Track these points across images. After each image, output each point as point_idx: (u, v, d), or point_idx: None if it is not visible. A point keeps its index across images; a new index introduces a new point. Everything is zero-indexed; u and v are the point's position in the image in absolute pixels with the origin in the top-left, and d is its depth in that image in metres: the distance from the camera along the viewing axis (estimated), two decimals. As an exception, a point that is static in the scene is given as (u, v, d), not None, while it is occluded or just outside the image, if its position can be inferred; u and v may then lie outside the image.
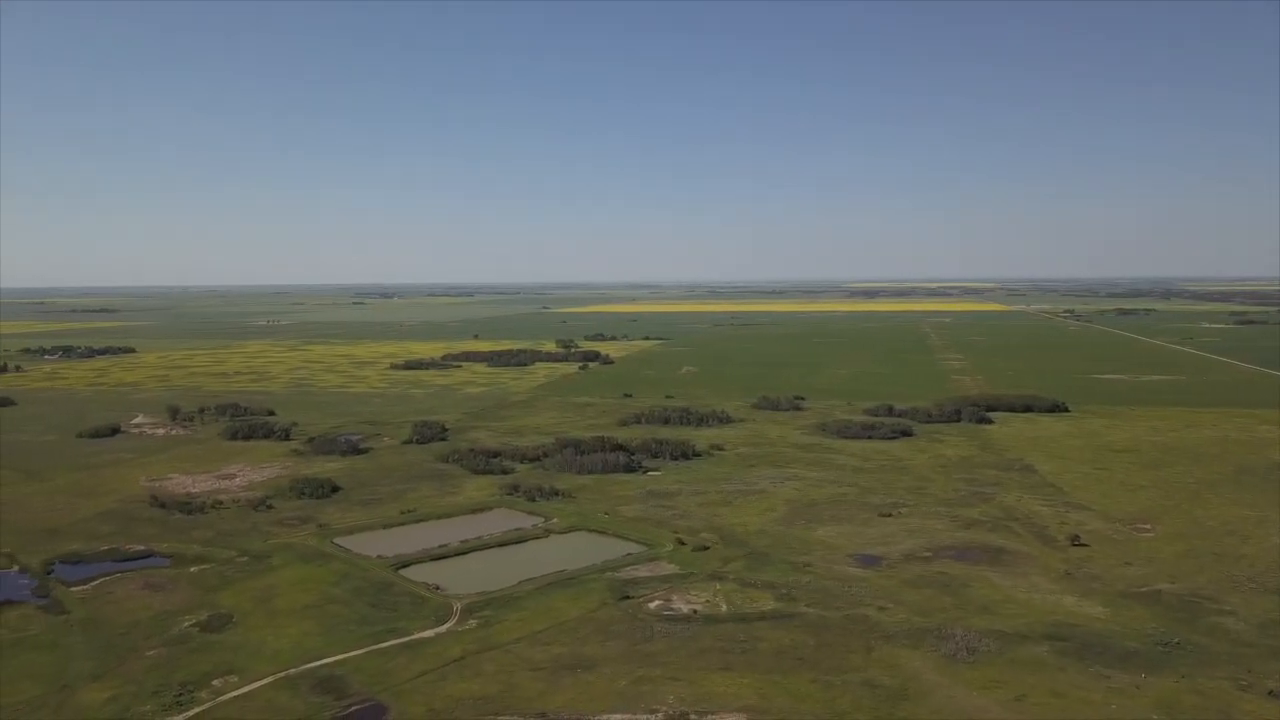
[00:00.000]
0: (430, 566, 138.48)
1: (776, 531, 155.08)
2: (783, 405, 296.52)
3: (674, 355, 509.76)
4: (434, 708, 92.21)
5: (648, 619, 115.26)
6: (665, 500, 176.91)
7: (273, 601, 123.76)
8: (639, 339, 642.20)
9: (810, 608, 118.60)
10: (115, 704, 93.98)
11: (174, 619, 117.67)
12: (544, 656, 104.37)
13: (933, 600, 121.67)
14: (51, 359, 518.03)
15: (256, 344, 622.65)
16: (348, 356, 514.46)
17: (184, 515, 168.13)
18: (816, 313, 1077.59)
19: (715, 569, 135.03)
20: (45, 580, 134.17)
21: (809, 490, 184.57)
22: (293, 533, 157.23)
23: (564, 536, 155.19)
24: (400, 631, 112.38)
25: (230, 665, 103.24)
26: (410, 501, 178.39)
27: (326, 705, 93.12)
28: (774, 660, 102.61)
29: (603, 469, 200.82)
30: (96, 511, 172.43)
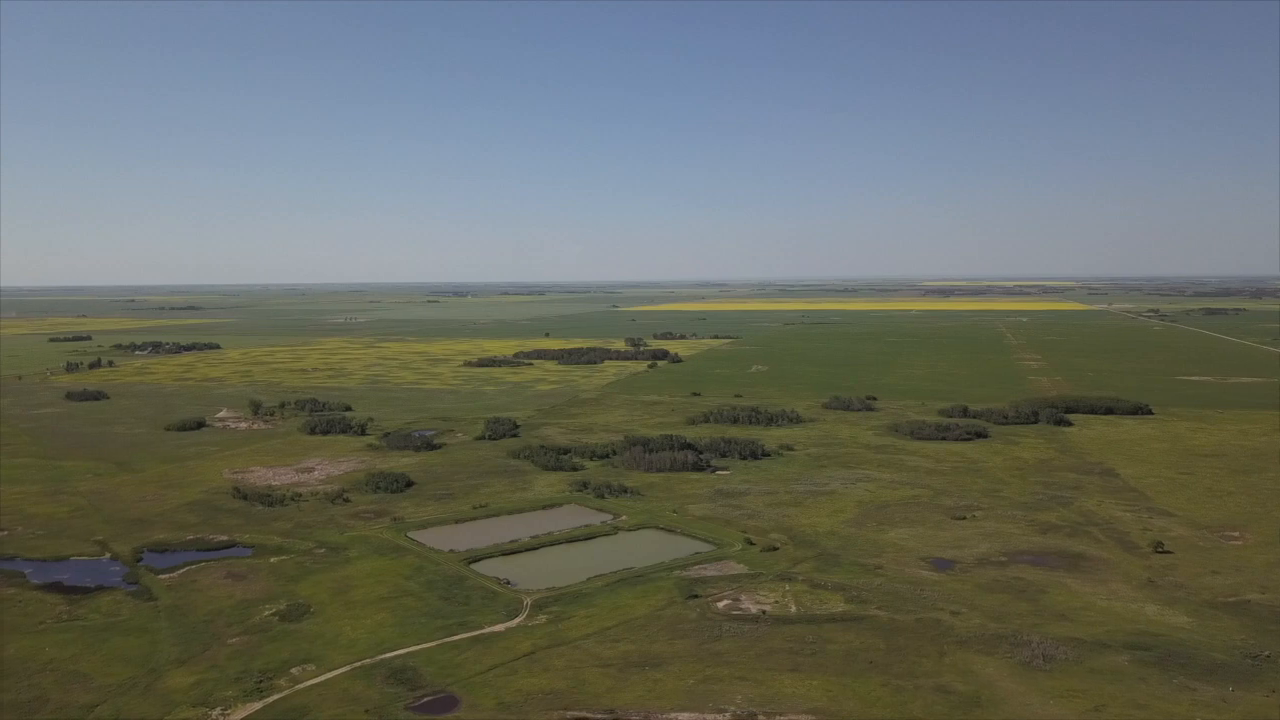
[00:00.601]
0: (501, 561, 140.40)
1: (847, 533, 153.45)
2: (854, 405, 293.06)
3: (743, 354, 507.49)
4: (504, 701, 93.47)
5: (716, 618, 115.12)
6: (734, 500, 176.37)
7: (349, 593, 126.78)
8: (708, 337, 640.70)
9: (881, 610, 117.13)
10: (199, 689, 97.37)
11: (255, 608, 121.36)
12: (612, 653, 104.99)
13: (1008, 606, 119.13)
14: (141, 354, 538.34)
15: (334, 341, 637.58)
16: (422, 354, 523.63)
17: (265, 507, 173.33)
18: (890, 311, 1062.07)
19: (784, 569, 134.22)
20: (135, 568, 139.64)
21: (880, 491, 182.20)
22: (368, 526, 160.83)
23: (632, 534, 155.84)
24: (471, 625, 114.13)
25: (308, 654, 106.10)
26: (482, 496, 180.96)
27: (400, 696, 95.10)
28: (843, 663, 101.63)
29: (671, 467, 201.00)
30: (183, 502, 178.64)
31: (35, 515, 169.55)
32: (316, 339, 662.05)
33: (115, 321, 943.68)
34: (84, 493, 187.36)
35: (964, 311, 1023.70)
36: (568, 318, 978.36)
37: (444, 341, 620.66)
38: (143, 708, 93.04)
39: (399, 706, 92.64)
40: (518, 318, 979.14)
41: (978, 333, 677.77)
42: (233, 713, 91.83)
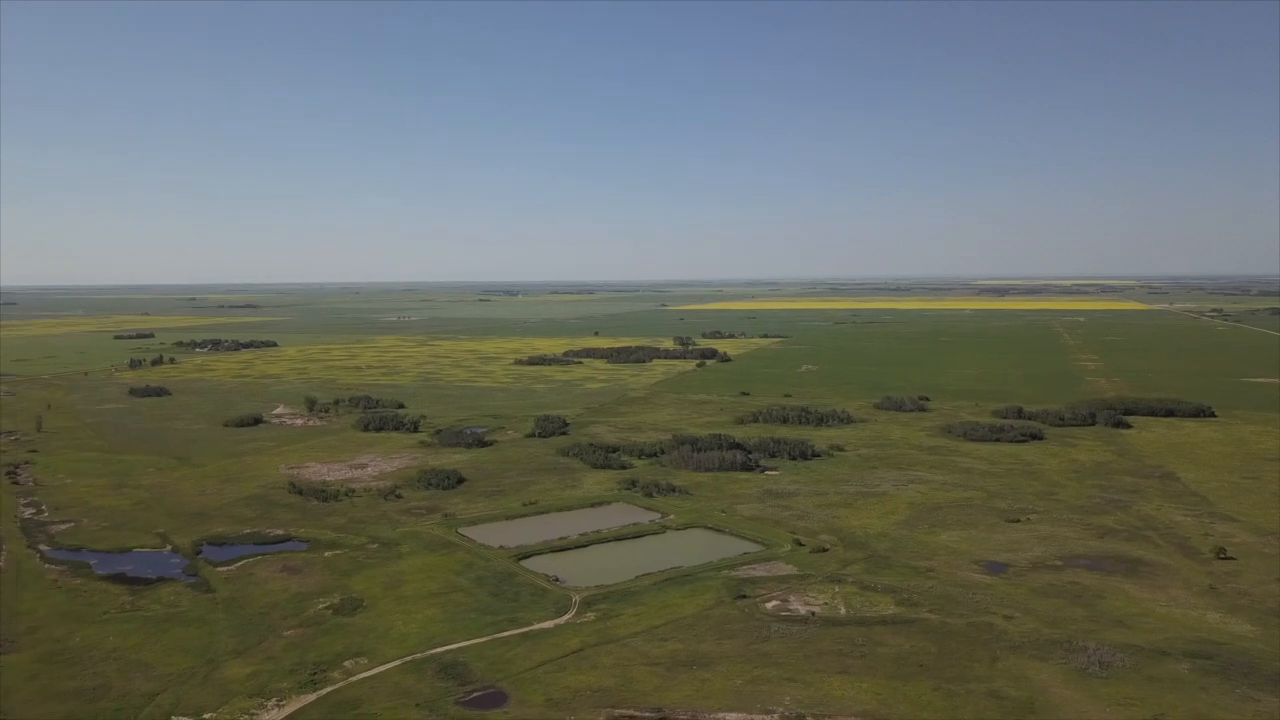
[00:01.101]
0: (550, 558, 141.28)
1: (898, 535, 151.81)
2: (906, 406, 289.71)
3: (793, 353, 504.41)
4: (552, 697, 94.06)
5: (764, 619, 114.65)
6: (783, 500, 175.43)
7: (401, 588, 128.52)
8: (757, 336, 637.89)
9: (932, 613, 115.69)
10: (255, 679, 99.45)
11: (309, 601, 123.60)
12: (660, 652, 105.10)
13: (1063, 611, 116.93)
14: (201, 352, 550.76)
15: (387, 339, 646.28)
16: (474, 352, 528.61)
17: (319, 502, 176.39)
18: (942, 311, 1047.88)
19: (834, 571, 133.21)
20: (194, 560, 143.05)
21: (933, 493, 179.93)
22: (420, 521, 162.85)
23: (681, 533, 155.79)
24: (521, 621, 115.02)
25: (360, 648, 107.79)
26: (532, 494, 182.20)
27: (450, 690, 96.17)
28: (894, 666, 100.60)
29: (720, 467, 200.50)
30: (240, 496, 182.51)
31: (100, 508, 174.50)
32: (370, 337, 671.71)
33: (176, 319, 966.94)
34: (146, 486, 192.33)
35: (1019, 311, 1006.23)
36: (616, 316, 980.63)
37: (495, 340, 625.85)
38: (201, 697, 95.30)
39: (449, 701, 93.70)
40: (567, 316, 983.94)
41: (1033, 333, 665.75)
42: (288, 704, 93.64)
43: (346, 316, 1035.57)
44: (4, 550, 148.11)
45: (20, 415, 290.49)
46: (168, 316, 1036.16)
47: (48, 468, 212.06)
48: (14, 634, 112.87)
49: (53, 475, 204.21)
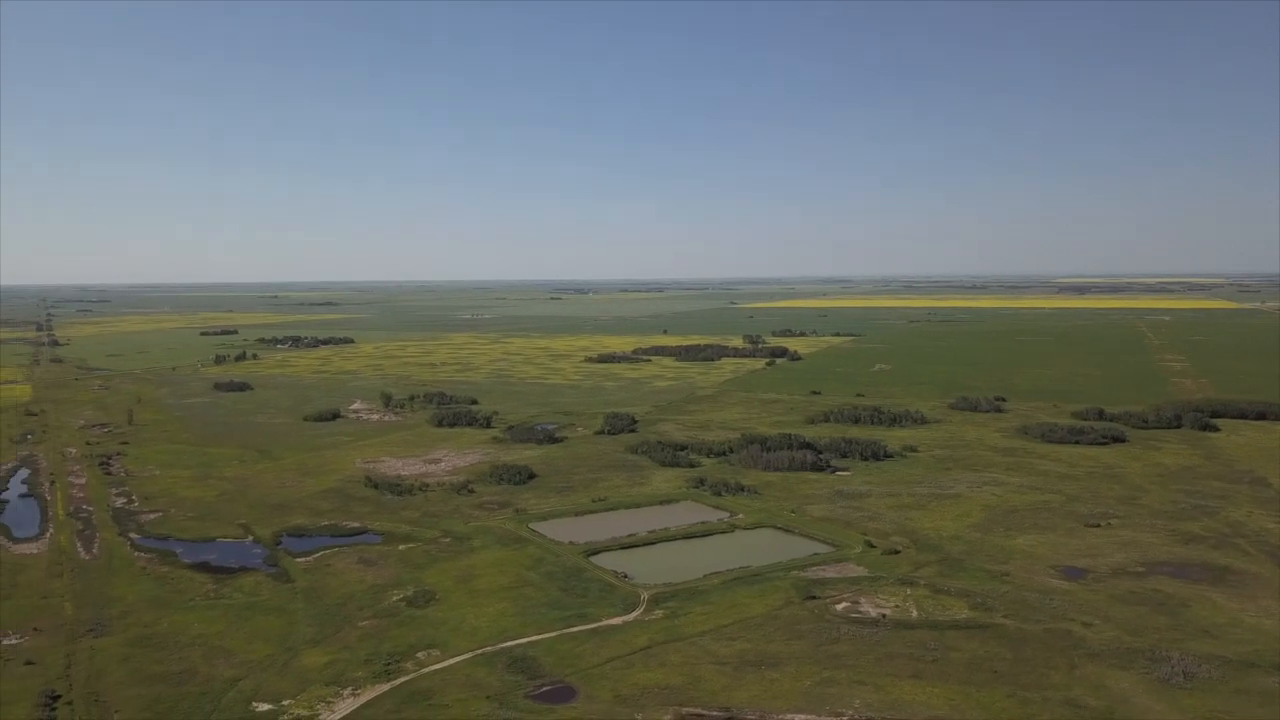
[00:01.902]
0: (619, 555, 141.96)
1: (973, 538, 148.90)
2: (982, 406, 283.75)
3: (865, 352, 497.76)
4: (620, 694, 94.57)
5: (834, 620, 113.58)
6: (854, 501, 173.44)
7: (472, 581, 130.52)
8: (829, 335, 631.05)
9: (1008, 619, 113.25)
10: (332, 668, 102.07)
11: (384, 593, 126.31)
12: (729, 651, 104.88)
13: (1145, 619, 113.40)
14: (282, 348, 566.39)
15: (461, 336, 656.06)
16: (545, 349, 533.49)
17: (394, 496, 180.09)
18: (1020, 309, 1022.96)
19: (906, 573, 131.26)
20: (274, 551, 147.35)
21: (1009, 496, 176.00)
22: (492, 516, 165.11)
23: (749, 532, 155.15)
24: (590, 617, 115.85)
25: (433, 640, 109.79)
26: (601, 490, 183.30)
27: (520, 684, 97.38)
28: (967, 671, 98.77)
29: (789, 466, 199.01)
30: (319, 489, 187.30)
31: (187, 499, 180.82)
32: (445, 334, 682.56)
33: (259, 317, 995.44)
34: (229, 478, 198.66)
35: (1101, 310, 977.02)
36: (685, 314, 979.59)
37: (565, 337, 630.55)
38: (280, 684, 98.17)
39: (519, 695, 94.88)
40: (636, 314, 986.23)
41: (1115, 332, 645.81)
42: (362, 693, 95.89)
43: (422, 314, 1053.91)
44: (98, 538, 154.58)
45: (113, 408, 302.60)
46: (250, 314, 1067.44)
47: (138, 459, 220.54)
48: (107, 618, 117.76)
49: (142, 466, 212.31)
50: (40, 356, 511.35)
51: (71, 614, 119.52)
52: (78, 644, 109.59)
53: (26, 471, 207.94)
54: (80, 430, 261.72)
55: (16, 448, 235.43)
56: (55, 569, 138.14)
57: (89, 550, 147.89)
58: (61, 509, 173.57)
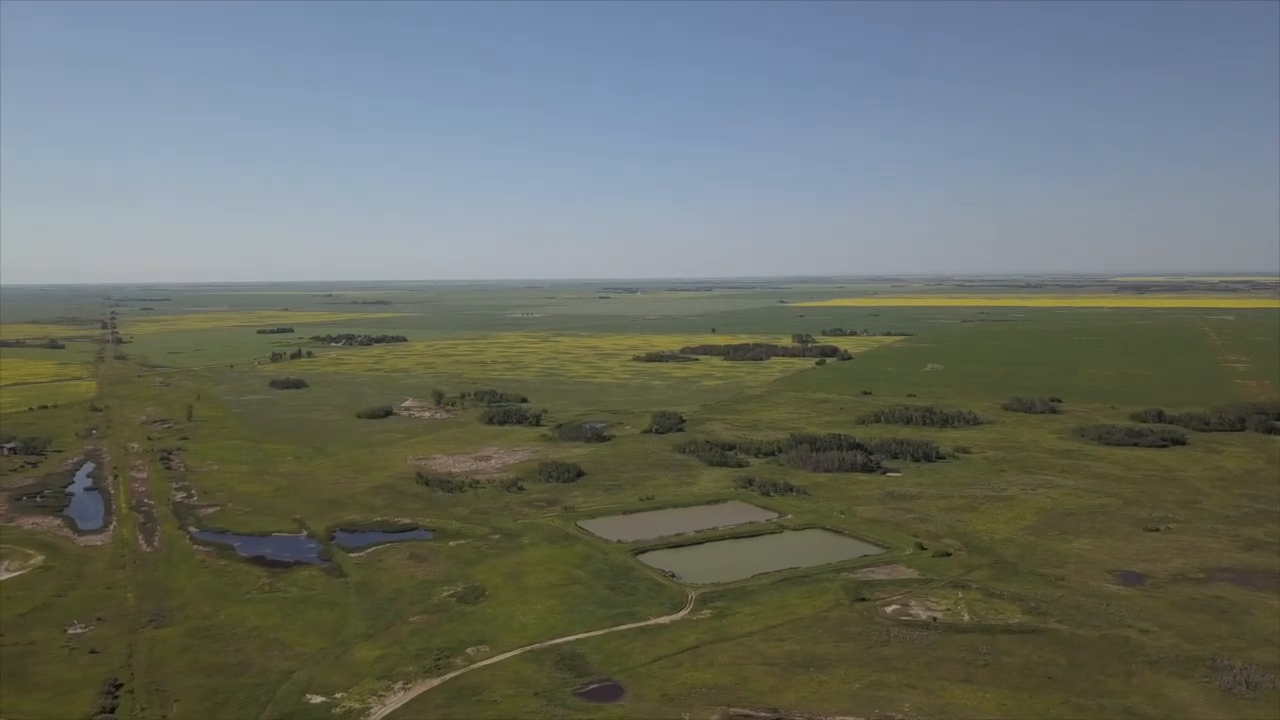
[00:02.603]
0: (666, 554, 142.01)
1: (1026, 541, 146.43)
2: (1037, 407, 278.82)
3: (917, 352, 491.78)
4: (668, 693, 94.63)
5: (884, 623, 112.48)
6: (905, 502, 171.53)
7: (522, 578, 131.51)
8: (880, 334, 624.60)
9: (1062, 624, 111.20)
10: (383, 662, 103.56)
11: (434, 589, 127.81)
12: (777, 652, 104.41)
13: (1206, 626, 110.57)
14: (336, 346, 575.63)
15: (512, 335, 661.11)
16: (594, 348, 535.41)
17: (445, 493, 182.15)
18: (1077, 308, 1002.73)
19: (958, 576, 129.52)
20: (328, 546, 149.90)
21: (1064, 499, 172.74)
22: (540, 514, 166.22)
23: (798, 533, 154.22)
24: (637, 616, 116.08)
25: (482, 635, 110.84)
26: (649, 489, 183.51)
27: (568, 681, 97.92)
28: (1020, 676, 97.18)
29: (839, 467, 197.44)
30: (371, 486, 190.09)
31: (244, 493, 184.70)
32: (496, 333, 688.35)
33: (314, 315, 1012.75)
34: (285, 474, 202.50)
35: (1161, 309, 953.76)
36: (734, 314, 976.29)
37: (614, 336, 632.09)
38: (334, 677, 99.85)
39: (567, 692, 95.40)
40: (685, 313, 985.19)
41: (1176, 332, 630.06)
42: (413, 687, 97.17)
43: (473, 313, 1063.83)
44: (158, 531, 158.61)
45: (173, 405, 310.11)
46: (305, 312, 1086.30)
47: (197, 454, 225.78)
48: (167, 609, 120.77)
49: (201, 461, 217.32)
50: (104, 354, 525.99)
51: (133, 605, 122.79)
52: (139, 634, 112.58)
53: (91, 465, 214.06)
54: (142, 426, 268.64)
55: (82, 442, 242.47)
56: (118, 560, 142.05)
57: (150, 543, 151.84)
58: (124, 502, 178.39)
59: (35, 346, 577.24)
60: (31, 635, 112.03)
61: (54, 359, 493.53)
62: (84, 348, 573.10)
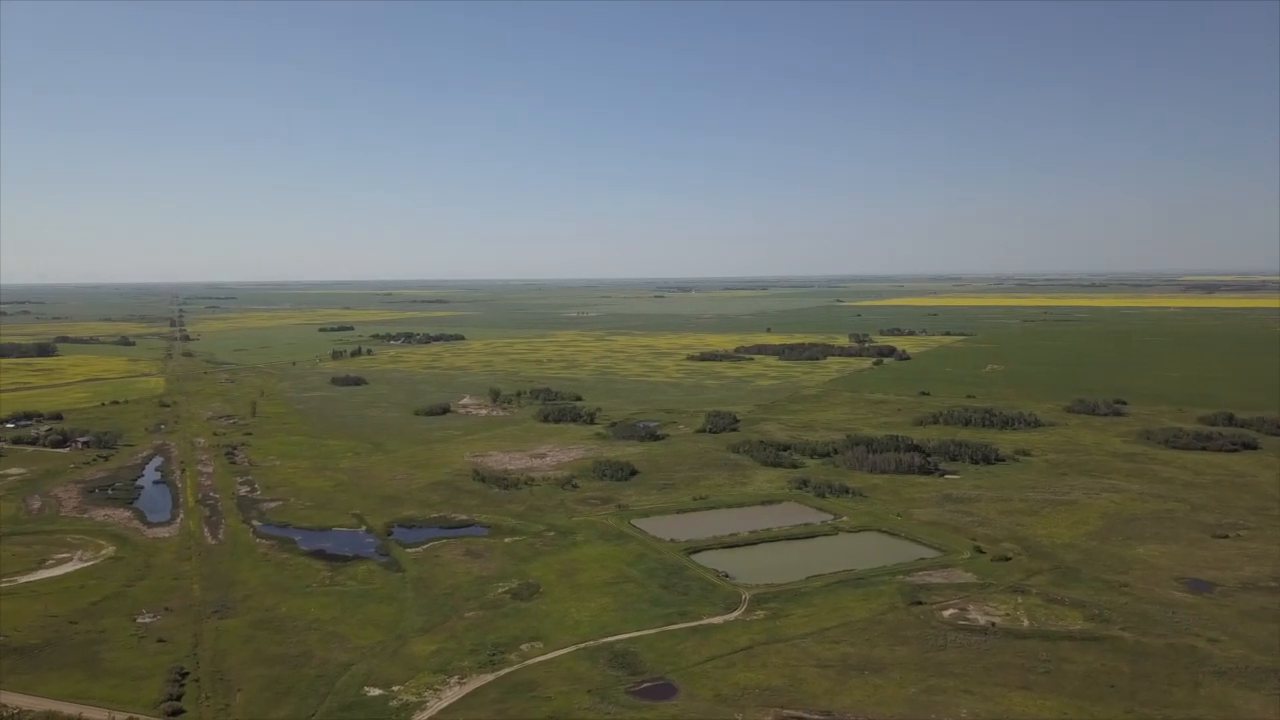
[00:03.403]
0: (720, 554, 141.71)
1: (1089, 546, 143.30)
2: (1100, 409, 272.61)
3: (977, 352, 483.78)
4: (721, 693, 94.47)
5: (941, 627, 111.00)
6: (963, 505, 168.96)
7: (575, 576, 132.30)
8: (939, 334, 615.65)
9: (1126, 631, 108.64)
10: (439, 657, 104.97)
11: (489, 585, 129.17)
12: (831, 654, 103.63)
13: (1278, 637, 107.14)
14: (395, 344, 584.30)
15: (567, 334, 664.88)
16: (648, 347, 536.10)
17: (501, 489, 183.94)
18: (1143, 308, 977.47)
19: (1017, 581, 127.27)
20: (386, 541, 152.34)
21: (1129, 504, 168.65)
22: (594, 511, 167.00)
23: (854, 535, 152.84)
24: (691, 615, 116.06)
25: (536, 632, 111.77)
26: (702, 489, 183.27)
27: (621, 680, 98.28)
28: (1081, 684, 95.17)
29: (896, 469, 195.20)
30: (429, 482, 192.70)
31: (305, 488, 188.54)
32: (551, 332, 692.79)
33: (374, 313, 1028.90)
34: (345, 470, 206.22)
35: (1231, 309, 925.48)
36: (790, 313, 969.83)
37: (668, 336, 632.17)
38: (391, 670, 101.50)
39: (620, 690, 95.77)
40: (740, 312, 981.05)
41: (1247, 332, 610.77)
42: (468, 682, 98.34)
43: (530, 312, 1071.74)
44: (223, 524, 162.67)
45: (238, 401, 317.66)
46: (365, 311, 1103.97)
47: (260, 449, 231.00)
48: (231, 600, 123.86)
49: (264, 456, 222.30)
50: (173, 351, 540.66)
51: (199, 596, 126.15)
52: (204, 624, 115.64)
53: (160, 459, 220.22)
54: (208, 421, 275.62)
55: (151, 437, 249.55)
56: (185, 552, 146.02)
57: (215, 535, 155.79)
58: (191, 496, 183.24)
59: (108, 344, 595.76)
60: (103, 624, 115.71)
61: (125, 356, 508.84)
62: (153, 345, 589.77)
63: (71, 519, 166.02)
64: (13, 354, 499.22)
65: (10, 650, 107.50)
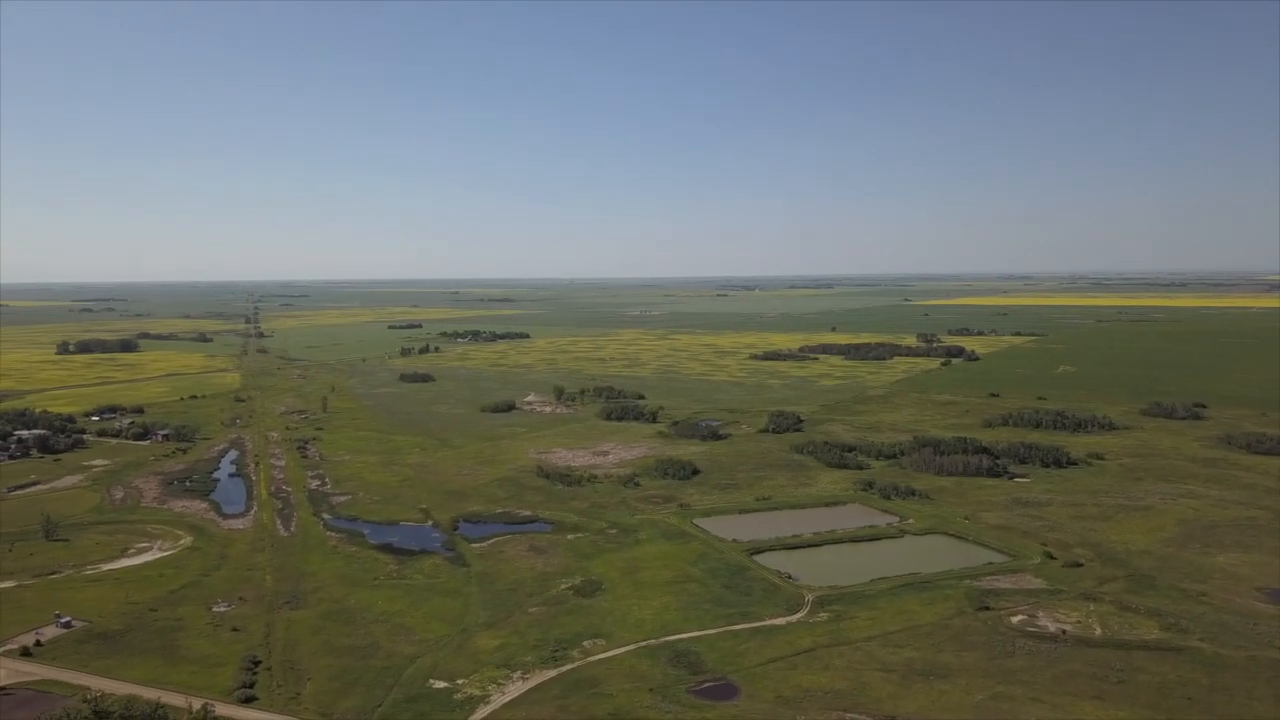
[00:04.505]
0: (783, 555, 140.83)
1: (1165, 553, 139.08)
2: (1178, 412, 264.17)
3: (1049, 353, 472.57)
4: (783, 695, 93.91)
5: (1009, 633, 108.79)
6: (1033, 509, 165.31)
7: (638, 574, 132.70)
8: (1009, 334, 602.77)
9: (1204, 642, 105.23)
10: (503, 652, 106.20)
11: (553, 581, 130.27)
12: (896, 659, 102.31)
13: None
14: (463, 342, 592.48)
15: (630, 332, 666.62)
16: (710, 346, 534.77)
17: (564, 486, 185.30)
18: (1224, 308, 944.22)
19: (1089, 588, 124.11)
20: (452, 535, 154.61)
21: (1208, 510, 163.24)
22: (657, 510, 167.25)
23: (920, 538, 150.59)
24: (753, 616, 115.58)
25: (598, 629, 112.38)
26: (765, 489, 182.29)
27: (682, 679, 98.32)
28: (1157, 696, 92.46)
29: (963, 471, 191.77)
30: (494, 478, 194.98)
31: (374, 483, 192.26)
32: (614, 330, 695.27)
33: (441, 311, 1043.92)
34: (412, 465, 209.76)
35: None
36: (855, 312, 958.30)
37: (731, 334, 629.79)
38: (456, 664, 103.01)
39: (681, 689, 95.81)
40: (804, 311, 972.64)
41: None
42: (531, 677, 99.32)
43: (593, 311, 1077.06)
44: (295, 517, 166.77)
45: (310, 397, 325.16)
46: (434, 309, 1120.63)
47: (331, 444, 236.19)
48: (302, 592, 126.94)
49: (334, 451, 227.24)
50: (248, 347, 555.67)
51: (271, 586, 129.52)
52: (276, 614, 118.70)
53: (235, 453, 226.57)
54: (281, 416, 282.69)
55: (227, 431, 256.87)
56: (258, 544, 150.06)
57: (287, 528, 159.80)
58: (264, 489, 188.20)
59: (186, 340, 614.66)
60: (180, 611, 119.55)
61: (203, 352, 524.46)
62: (229, 341, 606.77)
63: (152, 509, 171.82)
64: (98, 349, 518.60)
65: (94, 635, 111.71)
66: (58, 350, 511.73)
